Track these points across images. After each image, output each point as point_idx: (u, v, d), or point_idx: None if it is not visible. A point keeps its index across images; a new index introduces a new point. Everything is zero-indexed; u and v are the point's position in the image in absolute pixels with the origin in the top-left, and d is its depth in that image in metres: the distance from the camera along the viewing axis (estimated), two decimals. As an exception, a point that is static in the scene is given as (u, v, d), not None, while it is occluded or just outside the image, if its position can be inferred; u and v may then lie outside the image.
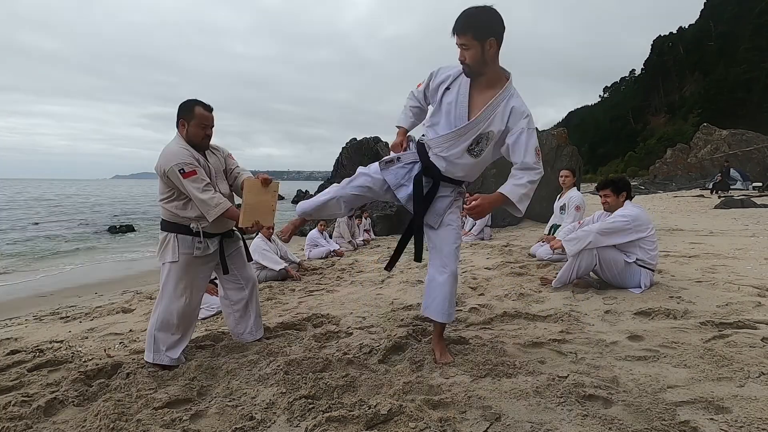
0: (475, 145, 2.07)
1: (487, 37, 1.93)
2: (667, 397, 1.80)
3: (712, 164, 26.77)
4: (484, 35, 1.92)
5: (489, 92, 2.04)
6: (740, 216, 8.87)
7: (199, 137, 2.49)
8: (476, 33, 1.92)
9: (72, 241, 14.55)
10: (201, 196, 2.39)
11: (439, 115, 2.15)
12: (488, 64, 2.00)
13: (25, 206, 32.49)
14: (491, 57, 1.98)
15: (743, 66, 48.66)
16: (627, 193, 3.62)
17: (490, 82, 2.05)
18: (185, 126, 2.48)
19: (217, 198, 2.45)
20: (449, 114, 2.09)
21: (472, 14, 1.93)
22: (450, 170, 2.18)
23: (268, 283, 5.33)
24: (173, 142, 2.49)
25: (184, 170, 2.36)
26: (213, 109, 2.55)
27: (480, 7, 1.94)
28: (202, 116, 2.48)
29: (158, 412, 1.89)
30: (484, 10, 1.93)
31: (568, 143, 11.56)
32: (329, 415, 1.74)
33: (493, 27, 1.95)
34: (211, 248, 2.55)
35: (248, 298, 2.78)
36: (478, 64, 1.99)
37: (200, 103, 2.50)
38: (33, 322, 4.18)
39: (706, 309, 2.90)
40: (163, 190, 2.48)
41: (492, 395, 1.88)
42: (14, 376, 2.40)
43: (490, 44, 1.94)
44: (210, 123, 2.52)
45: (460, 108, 2.06)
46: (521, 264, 4.96)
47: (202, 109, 2.49)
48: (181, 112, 2.49)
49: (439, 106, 2.14)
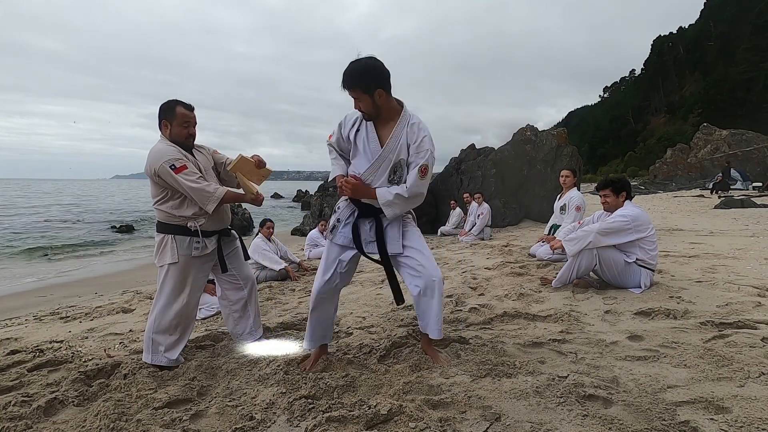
0: (393, 175, 2.21)
1: (375, 90, 2.08)
2: (667, 397, 1.80)
3: (712, 164, 26.77)
4: (370, 89, 2.08)
5: (390, 124, 2.20)
6: (740, 216, 8.86)
7: (183, 136, 2.48)
8: (363, 88, 2.07)
9: (82, 239, 14.55)
10: (197, 187, 2.38)
11: (357, 156, 2.28)
12: (382, 107, 2.15)
13: (38, 205, 32.59)
14: (383, 102, 2.13)
15: (743, 66, 48.68)
16: (627, 193, 3.62)
17: (388, 116, 2.20)
18: (168, 127, 2.48)
19: (214, 185, 2.45)
20: (365, 150, 2.24)
21: (356, 71, 2.07)
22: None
23: (268, 283, 5.33)
24: (159, 142, 2.49)
25: (175, 165, 2.35)
26: (194, 108, 2.54)
27: (363, 63, 2.07)
28: (184, 115, 2.47)
29: (158, 412, 1.89)
30: (367, 65, 2.07)
31: (568, 143, 11.56)
32: (329, 415, 1.74)
33: (379, 78, 2.09)
34: (209, 247, 2.55)
35: (247, 297, 2.77)
36: (372, 111, 2.15)
37: (181, 103, 2.50)
38: (33, 322, 4.18)
39: (706, 309, 2.90)
40: (156, 193, 2.47)
41: (492, 395, 1.88)
42: (14, 376, 2.40)
43: (379, 94, 2.10)
44: (192, 121, 2.51)
45: (372, 142, 2.22)
46: (521, 264, 4.95)
47: (183, 108, 2.48)
48: (163, 113, 2.49)
49: (355, 147, 2.28)
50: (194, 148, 2.60)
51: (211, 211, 2.44)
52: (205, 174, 2.55)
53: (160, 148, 2.42)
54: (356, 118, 2.27)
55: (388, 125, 2.21)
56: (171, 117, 2.46)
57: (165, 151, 2.40)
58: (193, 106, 2.54)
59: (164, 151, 2.40)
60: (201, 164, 2.55)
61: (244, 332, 2.79)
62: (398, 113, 2.21)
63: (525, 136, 11.67)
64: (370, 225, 2.29)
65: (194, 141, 2.58)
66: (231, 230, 2.75)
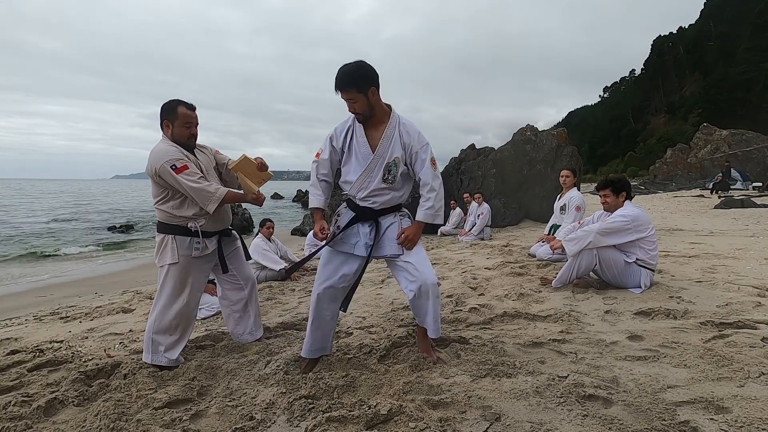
0: (387, 174, 2.27)
1: (369, 88, 2.16)
2: (667, 397, 1.80)
3: (712, 164, 26.75)
4: (365, 87, 2.15)
5: (381, 127, 2.28)
6: (740, 216, 8.86)
7: (185, 136, 2.47)
8: (359, 87, 2.14)
9: (87, 238, 14.56)
10: (197, 187, 2.37)
11: (350, 162, 2.33)
12: (375, 107, 2.22)
13: (39, 205, 32.60)
14: (375, 101, 2.21)
15: (743, 66, 48.67)
16: (627, 193, 3.62)
17: (379, 118, 2.27)
18: (170, 127, 2.47)
19: (215, 185, 2.43)
20: (358, 155, 2.29)
21: (351, 72, 2.14)
22: (378, 201, 2.31)
23: (268, 283, 5.33)
24: (160, 142, 2.48)
25: (176, 166, 2.34)
26: (196, 107, 2.52)
27: (354, 64, 2.16)
28: (186, 115, 2.46)
29: (158, 412, 1.89)
30: (359, 66, 2.16)
31: (568, 143, 11.55)
32: (329, 415, 1.74)
33: (370, 78, 2.16)
34: (209, 248, 2.54)
35: (247, 297, 2.77)
36: (367, 111, 2.21)
37: (182, 103, 2.48)
38: (33, 322, 4.18)
39: (706, 309, 2.90)
40: (157, 193, 2.47)
41: (492, 395, 1.88)
42: (14, 376, 2.40)
43: (372, 92, 2.17)
44: (194, 121, 2.50)
45: (363, 147, 2.28)
46: (521, 264, 4.95)
47: (185, 108, 2.47)
48: (164, 113, 2.48)
49: (348, 154, 2.33)
50: (196, 148, 2.59)
51: (212, 211, 2.43)
52: (207, 174, 2.53)
53: (161, 148, 2.42)
54: (345, 127, 2.32)
55: (380, 127, 2.27)
56: (173, 117, 2.45)
57: (166, 151, 2.39)
58: (194, 105, 2.53)
59: (165, 151, 2.39)
60: (203, 164, 2.55)
61: (244, 332, 2.79)
62: (388, 114, 2.29)
63: (525, 136, 11.66)
64: (370, 228, 2.31)
65: (196, 141, 2.57)
66: (232, 230, 2.74)
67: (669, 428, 1.58)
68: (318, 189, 2.37)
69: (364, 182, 2.28)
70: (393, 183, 2.27)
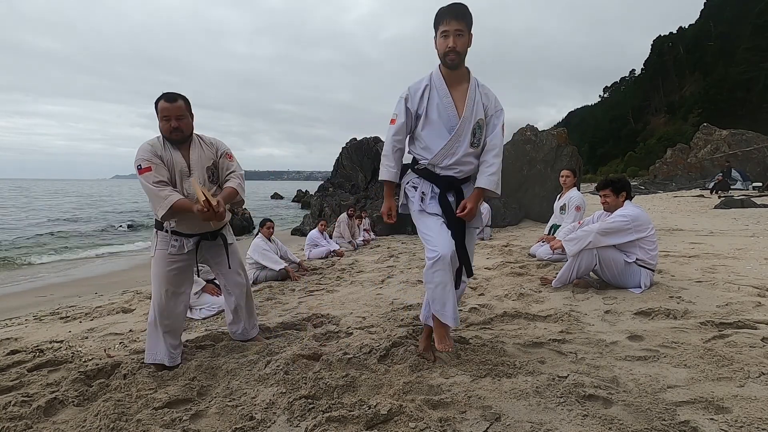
0: (472, 137, 2.15)
1: (471, 29, 2.08)
2: (667, 397, 1.80)
3: (712, 164, 26.74)
4: (471, 26, 2.08)
5: (464, 85, 2.15)
6: (740, 216, 8.86)
7: (167, 130, 2.40)
8: (469, 22, 2.06)
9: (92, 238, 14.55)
10: (151, 190, 2.31)
11: (429, 126, 2.16)
12: (465, 56, 2.12)
13: (39, 205, 32.61)
14: (468, 49, 2.11)
15: (743, 66, 48.64)
16: (627, 193, 3.62)
17: (461, 75, 2.15)
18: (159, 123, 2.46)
19: (167, 191, 2.32)
20: (442, 118, 2.14)
21: (464, 5, 2.04)
22: (464, 170, 2.19)
23: (268, 283, 5.33)
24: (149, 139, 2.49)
25: (141, 166, 2.34)
26: (178, 98, 2.40)
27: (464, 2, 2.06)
28: (163, 109, 2.39)
29: (158, 412, 1.89)
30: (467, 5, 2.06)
31: (568, 143, 11.55)
32: (329, 415, 1.74)
33: (472, 22, 2.08)
34: (186, 248, 2.54)
35: (236, 303, 2.76)
36: (465, 52, 2.09)
37: (163, 96, 2.41)
38: (33, 322, 4.17)
39: (706, 309, 2.90)
40: None
41: (492, 395, 1.88)
42: (14, 376, 2.40)
43: (471, 36, 2.09)
44: (172, 114, 2.37)
45: (449, 107, 2.13)
46: (521, 264, 4.96)
47: (164, 101, 2.39)
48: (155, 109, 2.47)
49: (426, 118, 2.16)
50: (199, 143, 2.50)
51: (159, 217, 2.36)
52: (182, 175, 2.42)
53: (140, 147, 2.42)
54: (420, 87, 2.16)
55: (461, 87, 2.14)
56: (157, 112, 2.42)
57: (140, 150, 2.39)
58: (176, 96, 2.41)
59: (140, 149, 2.40)
60: (192, 162, 2.44)
61: (236, 332, 2.85)
62: (468, 75, 2.17)
63: (525, 136, 11.67)
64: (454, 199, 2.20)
65: (183, 135, 2.42)
66: (219, 236, 2.65)
67: (669, 428, 1.58)
68: (391, 160, 2.20)
69: (452, 148, 2.12)
70: (478, 147, 2.16)
